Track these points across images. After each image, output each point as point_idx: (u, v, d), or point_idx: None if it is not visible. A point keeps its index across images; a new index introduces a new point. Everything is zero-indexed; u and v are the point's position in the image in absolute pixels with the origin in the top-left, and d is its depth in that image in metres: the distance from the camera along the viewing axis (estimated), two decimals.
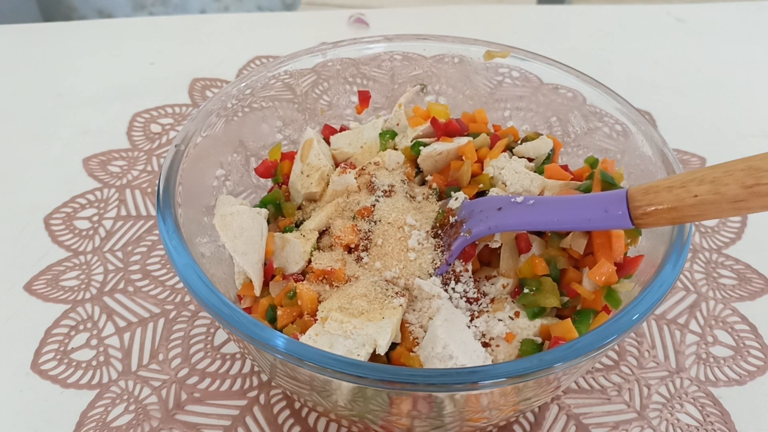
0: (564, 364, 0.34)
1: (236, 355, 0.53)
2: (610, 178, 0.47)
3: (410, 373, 0.34)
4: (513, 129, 0.60)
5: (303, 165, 0.56)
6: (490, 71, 0.64)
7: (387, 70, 0.66)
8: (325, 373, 0.34)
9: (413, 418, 0.40)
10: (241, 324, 0.36)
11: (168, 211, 0.43)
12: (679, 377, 0.53)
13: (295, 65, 0.61)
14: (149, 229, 0.65)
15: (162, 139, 0.77)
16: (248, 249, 0.48)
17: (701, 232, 0.67)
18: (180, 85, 0.87)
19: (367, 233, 0.50)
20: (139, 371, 0.52)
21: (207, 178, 0.54)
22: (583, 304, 0.46)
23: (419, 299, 0.46)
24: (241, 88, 0.57)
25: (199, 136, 0.51)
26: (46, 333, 0.55)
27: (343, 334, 0.41)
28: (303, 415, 0.49)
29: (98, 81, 0.88)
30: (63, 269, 0.60)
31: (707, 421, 0.50)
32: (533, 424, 0.49)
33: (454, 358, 0.40)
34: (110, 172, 0.72)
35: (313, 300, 0.45)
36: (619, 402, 0.51)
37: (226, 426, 0.48)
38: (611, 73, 0.62)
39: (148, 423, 0.48)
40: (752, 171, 0.35)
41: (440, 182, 0.55)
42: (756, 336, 0.57)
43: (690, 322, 0.58)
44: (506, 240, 0.49)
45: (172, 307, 0.57)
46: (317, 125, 0.65)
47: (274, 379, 0.44)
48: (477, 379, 0.34)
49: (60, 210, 0.67)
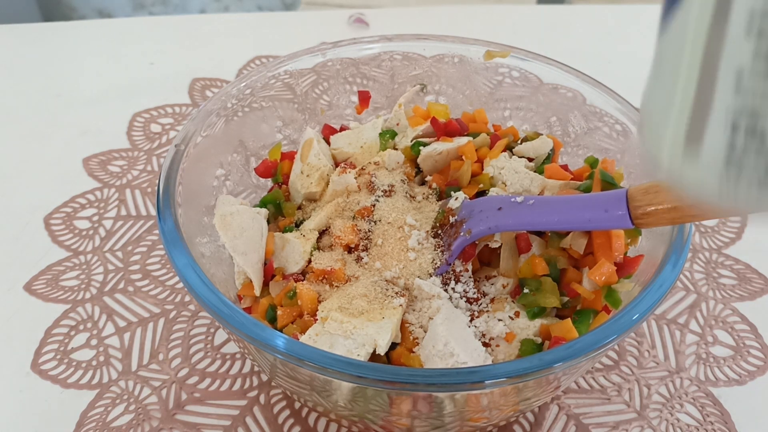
0: (564, 364, 0.34)
1: (236, 355, 0.53)
2: (610, 178, 0.47)
3: (410, 373, 0.34)
4: (513, 129, 0.60)
5: (303, 165, 0.56)
6: (490, 71, 0.64)
7: (387, 70, 0.67)
8: (325, 373, 0.34)
9: (413, 418, 0.40)
10: (241, 324, 0.36)
11: (168, 211, 0.43)
12: (679, 377, 0.53)
13: (295, 65, 0.61)
14: (149, 229, 0.65)
15: (162, 139, 0.77)
16: (248, 249, 0.48)
17: (701, 232, 0.67)
18: (180, 85, 0.87)
19: (367, 233, 0.50)
20: (139, 371, 0.52)
21: (207, 178, 0.54)
22: (583, 304, 0.46)
23: (419, 299, 0.46)
24: (241, 88, 0.57)
25: (199, 136, 0.51)
26: (46, 333, 0.55)
27: (343, 334, 0.41)
28: (303, 415, 0.49)
29: (98, 81, 0.88)
30: (63, 269, 0.60)
31: (707, 421, 0.50)
32: (533, 424, 0.49)
33: (455, 356, 0.40)
34: (110, 172, 0.72)
35: (313, 300, 0.45)
36: (619, 402, 0.51)
37: (226, 426, 0.48)
38: (611, 73, 0.62)
39: (148, 423, 0.48)
40: None
41: (440, 182, 0.55)
42: (756, 336, 0.57)
43: (690, 322, 0.58)
44: (506, 240, 0.49)
45: (172, 307, 0.57)
46: (317, 125, 0.65)
47: (274, 379, 0.44)
48: (477, 379, 0.34)
49: (60, 210, 0.67)
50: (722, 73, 0.19)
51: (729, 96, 0.19)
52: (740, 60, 0.18)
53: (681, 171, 0.21)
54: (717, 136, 0.19)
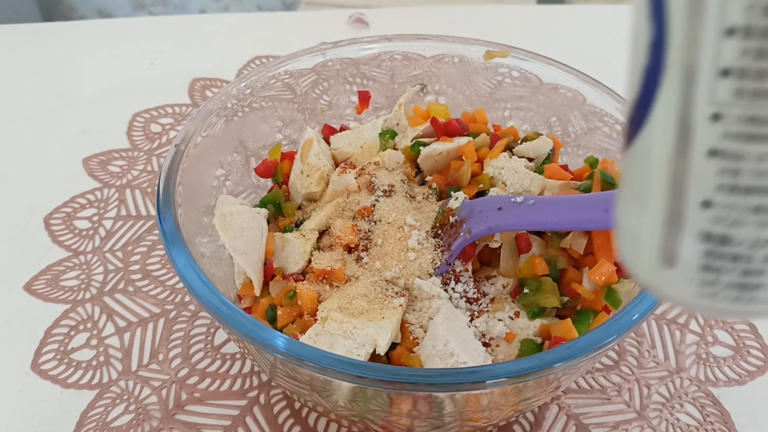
0: (564, 364, 0.34)
1: (236, 355, 0.53)
2: (610, 178, 0.47)
3: (410, 373, 0.34)
4: (513, 129, 0.60)
5: (303, 165, 0.56)
6: (490, 71, 0.64)
7: (387, 70, 0.66)
8: (325, 373, 0.34)
9: (413, 418, 0.40)
10: (241, 324, 0.36)
11: (168, 211, 0.43)
12: (679, 377, 0.53)
13: (295, 65, 0.61)
14: (149, 229, 0.65)
15: (162, 139, 0.77)
16: (248, 249, 0.48)
17: None
18: (180, 85, 0.87)
19: (367, 233, 0.50)
20: (139, 371, 0.52)
21: (207, 178, 0.54)
22: (583, 304, 0.46)
23: (419, 299, 0.46)
24: (241, 88, 0.57)
25: (199, 136, 0.51)
26: (46, 333, 0.55)
27: (343, 334, 0.41)
28: (303, 415, 0.49)
29: (98, 81, 0.88)
30: (63, 269, 0.60)
31: (707, 421, 0.50)
32: (533, 424, 0.49)
33: (455, 356, 0.40)
34: (110, 172, 0.72)
35: (313, 300, 0.45)
36: (619, 402, 0.51)
37: (226, 426, 0.48)
38: (611, 73, 0.62)
39: (148, 423, 0.48)
40: None
41: (440, 182, 0.55)
42: (756, 336, 0.57)
43: (690, 321, 0.58)
44: (506, 240, 0.49)
45: (172, 307, 0.57)
46: (317, 125, 0.65)
47: (274, 379, 0.44)
48: (477, 378, 0.34)
49: (60, 210, 0.67)
50: (690, 195, 0.19)
51: (699, 213, 0.19)
52: (706, 181, 0.19)
53: (658, 286, 0.22)
54: (691, 251, 0.20)
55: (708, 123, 0.18)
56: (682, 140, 0.18)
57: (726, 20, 0.16)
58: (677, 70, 0.18)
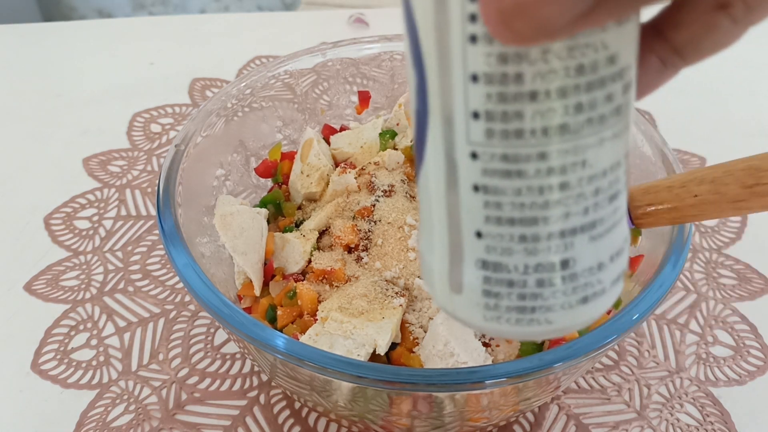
0: (564, 364, 0.34)
1: (236, 355, 0.53)
2: None
3: (410, 373, 0.34)
4: None
5: (303, 165, 0.56)
6: None
7: (387, 70, 0.66)
8: (325, 373, 0.34)
9: (413, 418, 0.40)
10: (241, 324, 0.36)
11: (168, 211, 0.43)
12: (679, 377, 0.53)
13: (295, 65, 0.61)
14: (149, 229, 0.65)
15: (162, 139, 0.77)
16: (248, 249, 0.48)
17: (701, 232, 0.67)
18: (180, 85, 0.87)
19: (367, 233, 0.50)
20: (139, 371, 0.52)
21: (207, 178, 0.54)
22: None
23: (419, 299, 0.46)
24: (241, 88, 0.57)
25: (199, 136, 0.51)
26: (46, 333, 0.55)
27: (343, 334, 0.41)
28: (303, 415, 0.49)
29: (98, 81, 0.88)
30: (63, 269, 0.60)
31: (707, 421, 0.50)
32: (533, 424, 0.49)
33: (455, 356, 0.40)
34: (110, 172, 0.72)
35: (313, 300, 0.45)
36: (619, 402, 0.51)
37: (226, 426, 0.48)
38: None
39: (148, 423, 0.48)
40: (752, 171, 0.34)
41: None
42: (756, 336, 0.57)
43: (690, 322, 0.58)
44: None
45: (172, 307, 0.57)
46: (317, 125, 0.65)
47: (274, 379, 0.44)
48: (477, 378, 0.34)
49: (60, 210, 0.67)
50: (464, 226, 0.21)
51: (474, 243, 0.21)
52: (476, 213, 0.20)
53: (453, 311, 0.23)
54: (472, 278, 0.22)
55: (469, 161, 0.19)
56: (450, 176, 0.20)
57: (469, 68, 0.18)
58: (437, 113, 0.19)
